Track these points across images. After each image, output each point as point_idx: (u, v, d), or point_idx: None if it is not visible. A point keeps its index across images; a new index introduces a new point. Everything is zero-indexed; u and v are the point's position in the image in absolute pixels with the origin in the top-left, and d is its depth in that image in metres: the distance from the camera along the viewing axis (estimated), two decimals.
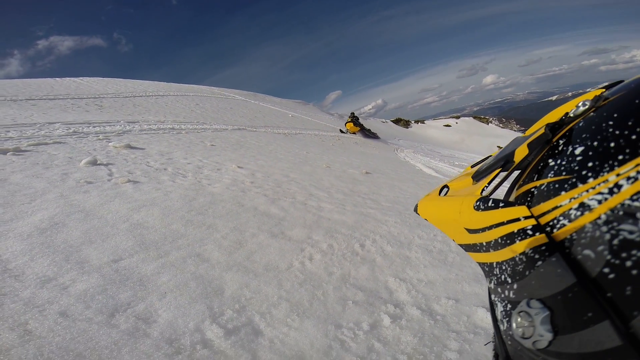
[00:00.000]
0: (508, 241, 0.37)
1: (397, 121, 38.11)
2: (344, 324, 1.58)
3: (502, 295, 0.39)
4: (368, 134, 15.32)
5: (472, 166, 0.70)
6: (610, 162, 0.30)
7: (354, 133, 14.66)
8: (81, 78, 15.68)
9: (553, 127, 0.43)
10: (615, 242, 0.27)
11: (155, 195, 2.81)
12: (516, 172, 0.49)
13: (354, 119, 15.04)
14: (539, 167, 0.41)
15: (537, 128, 0.48)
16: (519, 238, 0.35)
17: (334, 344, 1.46)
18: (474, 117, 49.19)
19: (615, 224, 0.27)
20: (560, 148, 0.40)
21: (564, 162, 0.37)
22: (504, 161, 0.49)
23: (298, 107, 22.46)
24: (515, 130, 54.43)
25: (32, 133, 4.51)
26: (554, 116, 0.48)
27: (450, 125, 40.96)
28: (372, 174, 5.36)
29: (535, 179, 0.40)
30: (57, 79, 14.87)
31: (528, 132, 0.50)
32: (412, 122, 40.54)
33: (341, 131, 14.34)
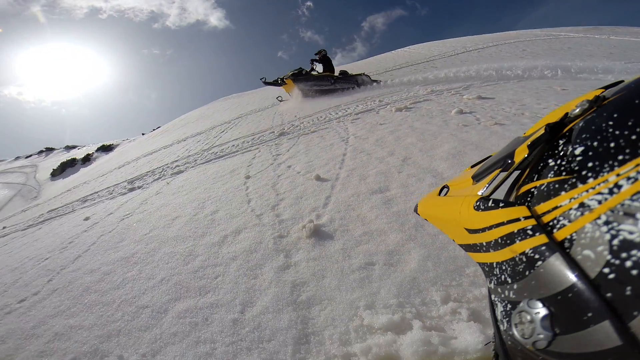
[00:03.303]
0: (508, 241, 0.37)
1: None
2: None
3: (502, 296, 0.39)
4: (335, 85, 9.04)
5: (472, 166, 0.67)
6: (610, 162, 0.31)
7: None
8: (408, 47, 18.60)
9: (553, 128, 0.42)
10: (615, 242, 0.27)
11: None
12: (516, 172, 0.48)
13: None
14: (539, 168, 0.41)
15: (537, 128, 0.47)
16: (519, 238, 0.36)
17: None
18: None
19: (615, 224, 0.28)
20: (560, 148, 0.39)
21: (564, 163, 0.37)
22: (504, 161, 0.48)
23: None
24: None
25: (407, 95, 6.34)
26: (554, 116, 0.47)
27: None
28: None
29: (535, 179, 0.41)
30: (392, 51, 18.53)
31: (528, 132, 0.51)
32: None
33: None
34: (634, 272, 0.25)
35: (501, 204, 0.40)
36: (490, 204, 0.42)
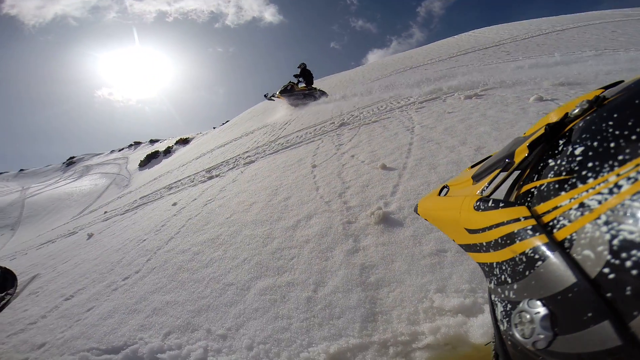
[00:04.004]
0: (508, 241, 0.37)
1: None
2: None
3: (503, 296, 0.38)
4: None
5: (472, 166, 0.67)
6: (610, 162, 0.31)
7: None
8: (472, 31, 17.10)
9: (553, 128, 0.42)
10: (615, 242, 0.27)
11: None
12: (516, 172, 0.49)
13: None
14: (539, 168, 0.41)
15: (538, 128, 0.48)
16: (519, 238, 0.35)
17: None
18: None
19: (615, 224, 0.28)
20: (560, 148, 0.39)
21: (564, 163, 0.37)
22: (504, 161, 0.49)
23: None
24: None
25: (479, 80, 5.91)
26: (554, 116, 0.47)
27: None
28: None
29: (535, 179, 0.41)
30: (455, 36, 17.24)
31: (528, 132, 0.51)
32: None
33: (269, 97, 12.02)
34: (634, 272, 0.26)
35: (501, 204, 0.40)
36: (490, 204, 0.42)
